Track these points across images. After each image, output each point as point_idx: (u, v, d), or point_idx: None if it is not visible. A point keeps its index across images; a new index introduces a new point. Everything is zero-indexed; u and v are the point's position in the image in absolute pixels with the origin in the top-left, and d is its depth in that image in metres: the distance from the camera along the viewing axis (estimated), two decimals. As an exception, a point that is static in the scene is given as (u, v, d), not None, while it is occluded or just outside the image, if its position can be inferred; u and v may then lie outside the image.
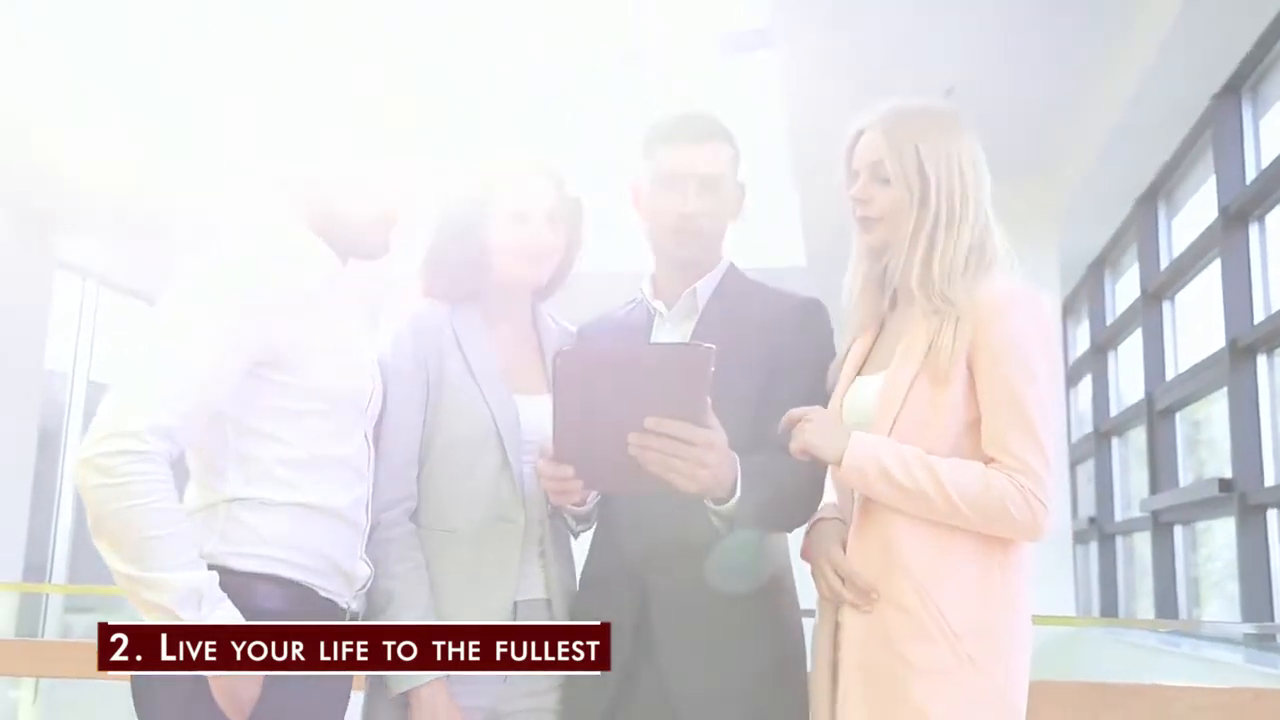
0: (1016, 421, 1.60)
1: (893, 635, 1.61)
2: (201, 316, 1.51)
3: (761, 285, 1.97)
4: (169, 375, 1.46)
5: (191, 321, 1.50)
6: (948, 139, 1.72)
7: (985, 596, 1.62)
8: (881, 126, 1.74)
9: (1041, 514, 1.59)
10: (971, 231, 1.70)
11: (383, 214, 1.70)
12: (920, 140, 1.71)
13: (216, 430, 1.56)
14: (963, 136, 1.74)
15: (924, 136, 1.71)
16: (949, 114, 1.76)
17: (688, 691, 1.73)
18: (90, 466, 1.41)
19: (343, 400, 1.64)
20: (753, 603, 1.80)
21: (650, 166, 1.89)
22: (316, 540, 1.60)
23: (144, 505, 1.41)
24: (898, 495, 1.61)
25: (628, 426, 1.52)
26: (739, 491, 1.63)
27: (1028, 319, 1.65)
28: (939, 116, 1.75)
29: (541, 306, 2.04)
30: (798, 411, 1.67)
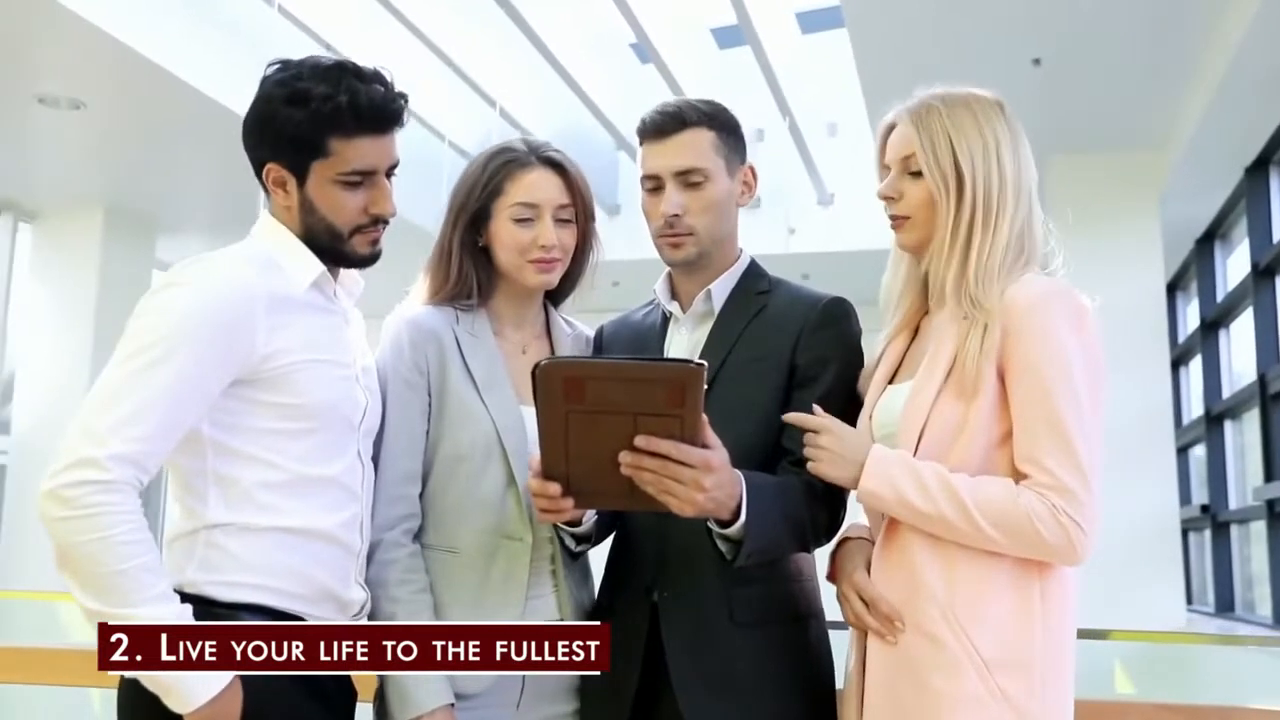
0: (1049, 433, 1.45)
1: (919, 665, 1.48)
2: (164, 339, 1.44)
3: (784, 283, 1.83)
4: (129, 401, 1.40)
5: (154, 344, 1.43)
6: (985, 128, 1.57)
7: (1021, 624, 1.47)
8: (912, 118, 1.60)
9: (1078, 536, 1.44)
10: (1010, 227, 1.56)
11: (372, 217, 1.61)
12: (954, 130, 1.57)
13: (196, 453, 1.50)
14: (1003, 125, 1.59)
15: (958, 126, 1.57)
16: (987, 102, 1.61)
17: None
18: (53, 499, 1.36)
19: (329, 416, 1.57)
20: (774, 629, 1.68)
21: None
22: (303, 565, 1.53)
23: (107, 538, 1.35)
24: (918, 520, 1.49)
25: (617, 444, 1.42)
26: (744, 515, 1.51)
27: (1062, 319, 1.49)
28: (976, 104, 1.60)
29: (556, 311, 1.94)
30: (810, 422, 1.54)
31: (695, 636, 1.65)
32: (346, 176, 1.57)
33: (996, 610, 1.47)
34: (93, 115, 6.03)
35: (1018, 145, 1.59)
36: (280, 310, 1.53)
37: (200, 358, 1.44)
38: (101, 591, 1.36)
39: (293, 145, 1.56)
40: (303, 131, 1.54)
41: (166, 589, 1.41)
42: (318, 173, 1.57)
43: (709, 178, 1.74)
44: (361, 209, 1.60)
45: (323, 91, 1.53)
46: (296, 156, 1.57)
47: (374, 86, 1.57)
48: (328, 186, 1.58)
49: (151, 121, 6.18)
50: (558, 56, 6.41)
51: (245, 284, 1.51)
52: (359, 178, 1.58)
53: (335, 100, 1.53)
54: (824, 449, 1.52)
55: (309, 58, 1.59)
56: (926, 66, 5.46)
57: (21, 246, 7.92)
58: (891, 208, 1.63)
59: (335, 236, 1.61)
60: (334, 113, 1.53)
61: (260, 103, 1.57)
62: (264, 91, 1.57)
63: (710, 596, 1.65)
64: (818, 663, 1.71)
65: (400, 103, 1.61)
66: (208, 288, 1.49)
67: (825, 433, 1.53)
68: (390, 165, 1.62)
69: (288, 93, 1.54)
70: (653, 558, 1.70)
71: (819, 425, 1.53)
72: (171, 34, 5.54)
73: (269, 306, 1.51)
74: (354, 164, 1.57)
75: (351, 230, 1.61)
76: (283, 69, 1.58)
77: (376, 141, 1.58)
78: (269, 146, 1.58)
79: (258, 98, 1.58)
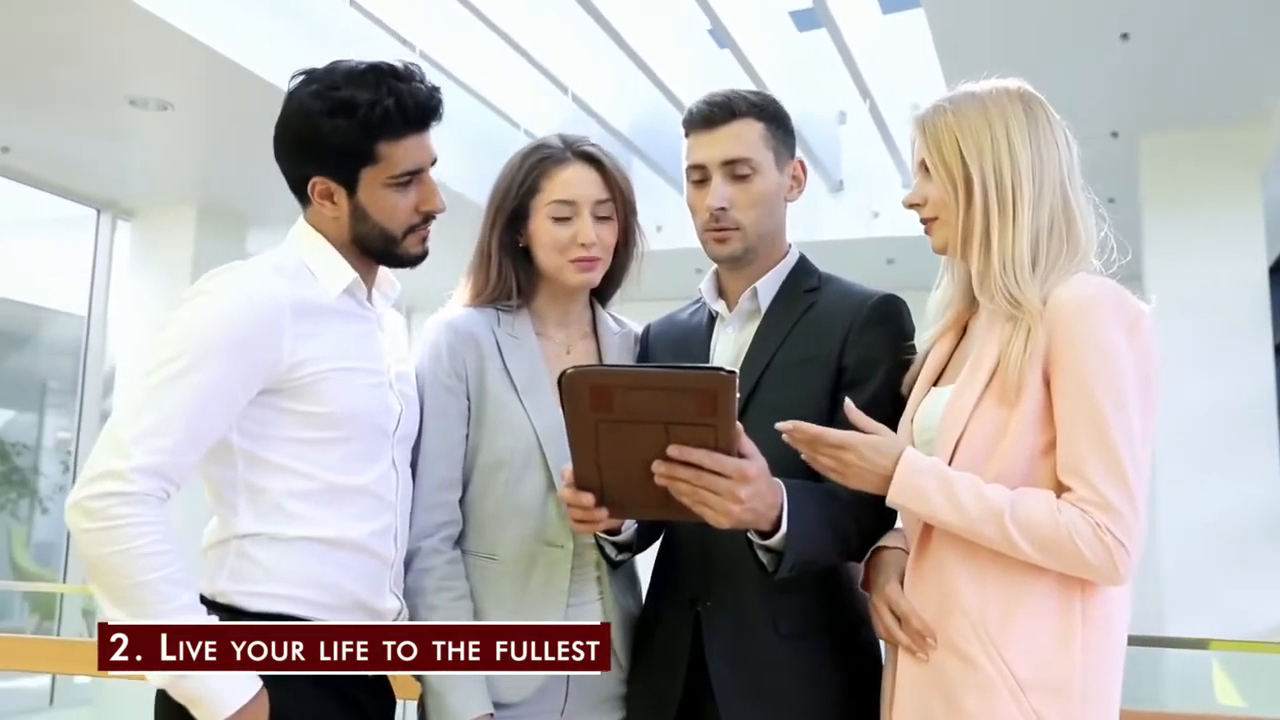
0: (1094, 445, 1.38)
1: (951, 685, 1.42)
2: (187, 350, 1.45)
3: (834, 279, 1.78)
4: (153, 413, 1.41)
5: (177, 356, 1.45)
6: (994, 119, 1.51)
7: (1060, 644, 1.40)
8: (920, 122, 1.56)
9: (1120, 555, 1.37)
10: (1033, 219, 1.48)
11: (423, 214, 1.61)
12: (959, 127, 1.52)
13: (226, 462, 1.51)
14: (1017, 112, 1.52)
15: (963, 123, 1.52)
16: (1003, 92, 1.54)
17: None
18: (79, 510, 1.38)
19: (359, 425, 1.56)
20: (822, 640, 1.63)
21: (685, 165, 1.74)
22: (333, 575, 1.53)
23: (130, 550, 1.37)
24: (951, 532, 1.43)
25: (650, 453, 1.38)
26: (784, 526, 1.46)
27: (1113, 322, 1.41)
28: (988, 97, 1.54)
29: (604, 310, 1.91)
30: (830, 437, 1.46)
31: (738, 647, 1.62)
32: (398, 179, 1.57)
33: (1033, 628, 1.40)
34: (181, 116, 6.20)
35: (1037, 131, 1.52)
36: (308, 318, 1.53)
37: (223, 368, 1.45)
38: (126, 602, 1.38)
39: (340, 156, 1.55)
40: (351, 141, 1.53)
41: (190, 600, 1.42)
42: (368, 179, 1.56)
43: (757, 170, 1.70)
44: (413, 208, 1.60)
45: (368, 98, 1.52)
46: (345, 167, 1.56)
47: (415, 85, 1.56)
48: (380, 191, 1.57)
49: (237, 120, 6.31)
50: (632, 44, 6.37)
51: (270, 293, 1.51)
52: (408, 178, 1.58)
53: (383, 104, 1.52)
54: (849, 464, 1.45)
55: (335, 64, 1.57)
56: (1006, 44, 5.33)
57: (121, 244, 8.19)
58: (919, 213, 1.59)
59: (389, 240, 1.60)
60: (383, 117, 1.52)
61: (296, 118, 1.56)
62: (298, 106, 1.55)
63: (754, 607, 1.61)
64: (867, 675, 1.64)
65: (439, 96, 1.59)
66: (232, 298, 1.49)
67: (849, 449, 1.45)
68: (433, 160, 1.62)
69: (329, 104, 1.53)
70: (696, 567, 1.67)
71: (841, 441, 1.45)
72: (253, 35, 5.65)
73: (296, 315, 1.51)
74: (403, 165, 1.56)
75: (405, 231, 1.61)
76: (310, 80, 1.56)
77: (420, 139, 1.58)
78: (313, 161, 1.57)
79: (291, 113, 1.56)
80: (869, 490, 1.46)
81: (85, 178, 7.45)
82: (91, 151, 6.92)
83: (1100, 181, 1.63)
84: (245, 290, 1.51)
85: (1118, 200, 6.93)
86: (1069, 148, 1.55)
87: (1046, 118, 1.54)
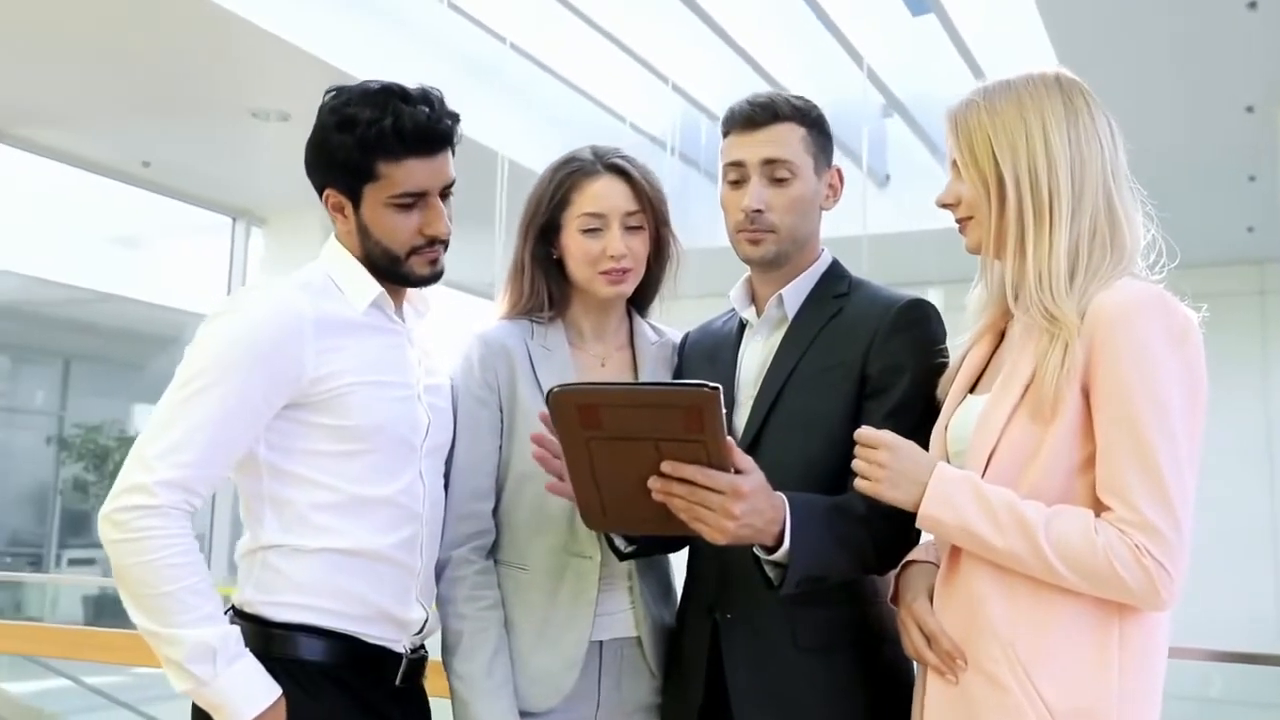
0: (1136, 464, 1.29)
1: (979, 709, 1.36)
2: (210, 367, 1.50)
3: (865, 284, 1.73)
4: (177, 429, 1.47)
5: (201, 373, 1.49)
6: (1030, 112, 1.41)
7: (1096, 671, 1.32)
8: (951, 118, 1.47)
9: (1162, 580, 1.28)
10: (1072, 227, 1.39)
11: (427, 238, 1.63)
12: (991, 123, 1.42)
13: (253, 475, 1.56)
14: (1056, 102, 1.42)
15: (996, 118, 1.42)
16: (1040, 81, 1.44)
17: None
18: (107, 522, 1.45)
19: (384, 437, 1.59)
20: (846, 653, 1.59)
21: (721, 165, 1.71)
22: (357, 586, 1.56)
23: (154, 561, 1.42)
24: (984, 551, 1.35)
25: (644, 470, 1.37)
26: (787, 540, 1.43)
27: (1157, 331, 1.31)
28: (1025, 87, 1.43)
29: (644, 319, 1.90)
30: (865, 436, 1.42)
31: (755, 658, 1.59)
32: (398, 199, 1.59)
33: (1067, 652, 1.33)
34: (299, 126, 6.44)
35: (1077, 126, 1.41)
36: (333, 333, 1.56)
37: (244, 384, 1.49)
38: (150, 611, 1.44)
39: (345, 170, 1.59)
40: (352, 156, 1.57)
41: (213, 610, 1.47)
42: (370, 196, 1.60)
43: (795, 174, 1.66)
44: (415, 230, 1.61)
45: (368, 116, 1.55)
46: (350, 181, 1.60)
47: (419, 109, 1.57)
48: (380, 209, 1.60)
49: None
50: (736, 38, 6.33)
51: (292, 309, 1.54)
52: (410, 199, 1.59)
53: (380, 124, 1.54)
54: (882, 466, 1.39)
55: (362, 83, 1.61)
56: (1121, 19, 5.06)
57: (255, 249, 8.58)
58: (953, 213, 1.51)
59: (392, 259, 1.63)
60: (379, 136, 1.55)
61: (316, 130, 1.61)
62: (319, 119, 1.61)
63: (773, 618, 1.58)
64: (893, 690, 1.59)
65: (448, 122, 1.60)
66: (254, 315, 1.54)
67: (883, 448, 1.39)
68: (444, 185, 1.62)
69: (338, 119, 1.57)
70: (715, 576, 1.66)
71: (875, 440, 1.40)
72: (362, 45, 5.86)
73: (319, 330, 1.55)
74: (403, 186, 1.58)
75: (408, 252, 1.62)
76: (336, 96, 1.61)
77: (425, 163, 1.59)
78: (324, 172, 1.62)
79: (315, 125, 1.62)
80: (897, 499, 1.39)
81: (219, 188, 7.86)
82: (222, 163, 7.29)
83: (1237, 158, 1.52)
84: (268, 306, 1.55)
85: (1258, 178, 6.52)
86: (1114, 141, 1.45)
87: (1089, 109, 1.44)
